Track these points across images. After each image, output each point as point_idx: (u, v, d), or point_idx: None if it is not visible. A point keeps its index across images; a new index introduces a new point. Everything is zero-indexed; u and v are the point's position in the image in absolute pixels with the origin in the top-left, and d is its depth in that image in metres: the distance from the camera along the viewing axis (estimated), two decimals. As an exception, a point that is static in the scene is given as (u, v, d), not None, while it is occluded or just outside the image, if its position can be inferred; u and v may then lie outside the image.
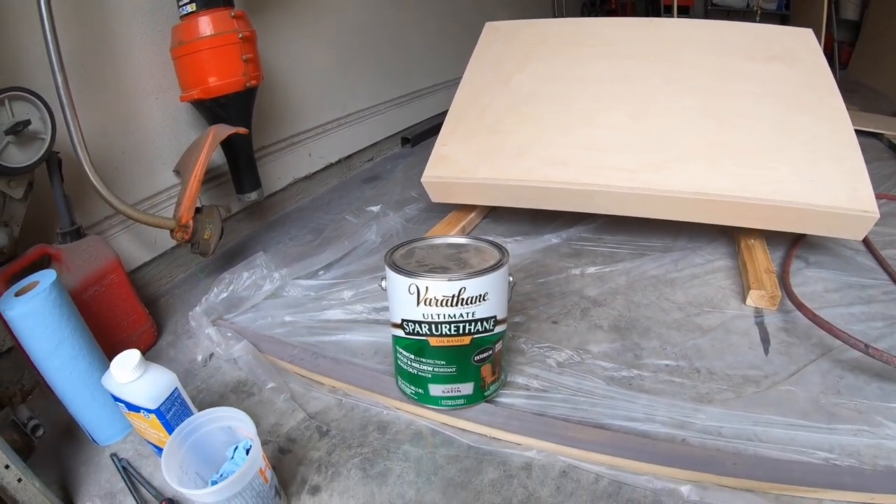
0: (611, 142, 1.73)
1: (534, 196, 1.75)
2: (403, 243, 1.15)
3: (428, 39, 3.46)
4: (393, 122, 3.12)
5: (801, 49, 1.90)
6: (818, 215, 1.55)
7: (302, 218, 2.26)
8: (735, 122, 1.72)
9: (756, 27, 2.00)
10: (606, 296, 1.56)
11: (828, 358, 1.30)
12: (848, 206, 1.51)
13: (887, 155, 2.72)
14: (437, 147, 1.88)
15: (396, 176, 2.65)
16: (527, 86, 1.95)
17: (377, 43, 2.93)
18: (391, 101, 3.08)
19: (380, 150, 3.04)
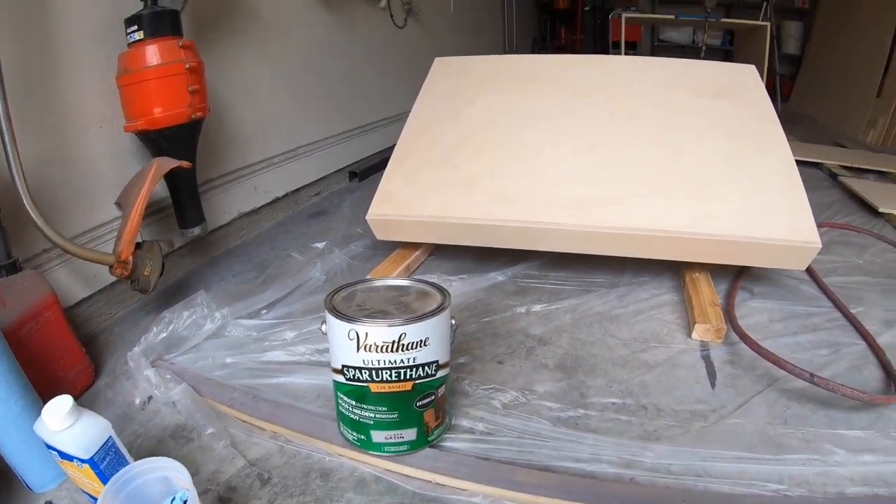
0: (558, 178, 1.75)
1: (480, 234, 1.75)
2: (344, 286, 1.14)
3: (378, 73, 3.48)
4: (341, 155, 3.12)
5: (745, 84, 1.95)
6: (761, 248, 1.58)
7: (247, 253, 2.23)
8: (680, 158, 1.75)
9: (701, 64, 2.04)
10: (552, 334, 1.56)
11: (774, 388, 1.32)
12: (790, 237, 1.55)
13: (828, 183, 2.80)
14: (383, 183, 1.88)
15: (343, 211, 2.64)
16: (476, 121, 1.96)
17: (327, 76, 2.93)
18: (340, 134, 3.08)
19: (327, 185, 3.03)
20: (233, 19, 2.23)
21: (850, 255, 1.99)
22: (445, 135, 1.95)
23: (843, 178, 2.86)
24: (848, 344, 1.49)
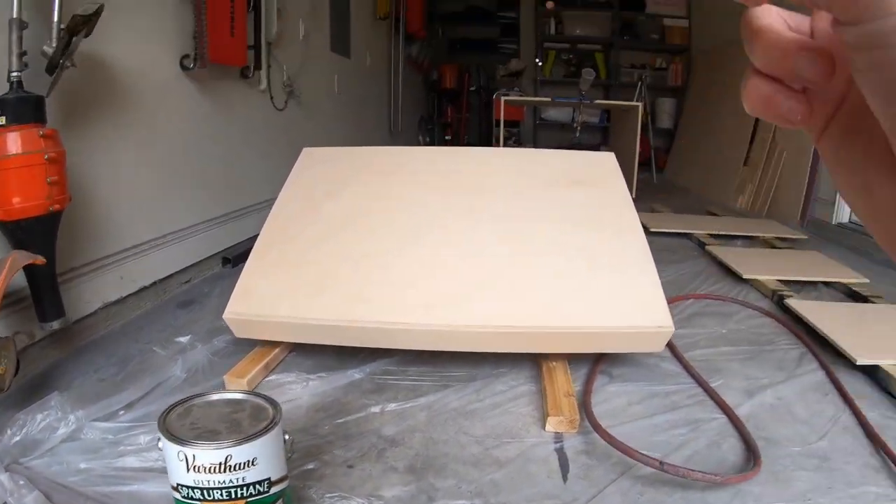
0: (413, 276, 1.80)
1: (334, 335, 1.79)
2: (182, 400, 1.16)
3: (256, 156, 3.51)
4: (215, 240, 3.10)
5: (602, 172, 2.05)
6: (616, 336, 1.66)
7: (111, 346, 2.19)
8: (535, 250, 1.82)
9: (561, 154, 2.15)
10: (405, 434, 1.58)
11: (628, 476, 1.36)
12: (643, 324, 1.63)
13: (696, 253, 2.93)
14: (241, 280, 1.90)
15: (212, 301, 2.62)
16: (335, 216, 2.01)
17: (202, 159, 2.94)
18: (214, 218, 3.07)
19: (199, 271, 3.00)
20: (103, 103, 2.24)
21: (713, 326, 2.10)
22: (306, 230, 1.99)
23: (711, 246, 3.04)
24: (707, 419, 1.57)
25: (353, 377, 1.86)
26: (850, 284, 2.94)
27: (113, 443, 1.56)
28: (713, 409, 1.64)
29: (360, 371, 1.89)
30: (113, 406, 1.70)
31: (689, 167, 6.66)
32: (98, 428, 1.60)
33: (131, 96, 2.40)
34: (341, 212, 2.03)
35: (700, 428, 1.55)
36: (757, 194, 5.18)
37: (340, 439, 1.57)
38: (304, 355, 2.04)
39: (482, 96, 9.15)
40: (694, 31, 8.03)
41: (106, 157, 2.28)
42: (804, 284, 2.91)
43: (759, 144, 5.34)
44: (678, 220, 3.74)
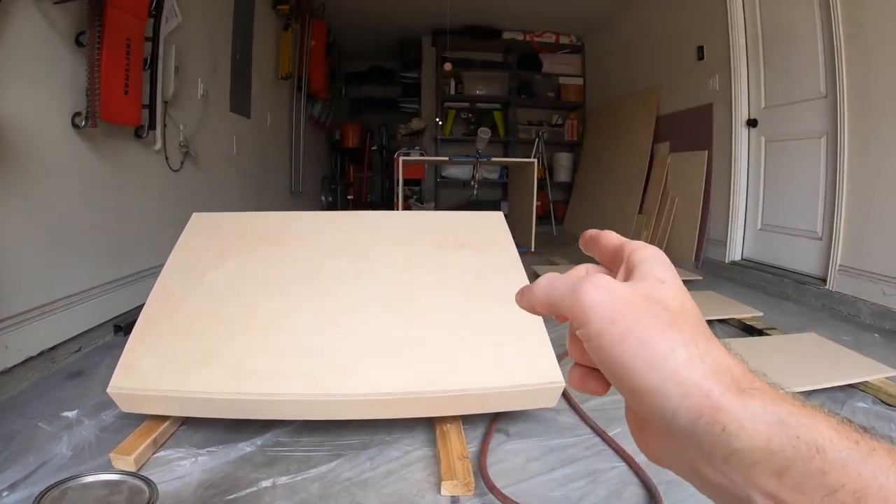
0: (297, 346, 1.81)
1: (220, 408, 1.77)
2: (56, 484, 1.14)
3: (151, 218, 3.48)
4: (106, 307, 3.03)
5: (491, 231, 2.10)
6: (507, 395, 1.68)
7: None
8: (422, 315, 1.84)
9: (448, 215, 2.18)
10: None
11: None
12: (534, 381, 1.66)
13: None
14: (125, 353, 1.86)
15: (101, 371, 2.53)
16: (221, 285, 2.00)
17: (92, 222, 2.88)
18: (105, 284, 3.01)
19: (90, 339, 2.91)
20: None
21: None
22: (189, 300, 1.97)
23: None
24: (607, 469, 1.60)
25: (244, 450, 1.82)
26: (744, 320, 3.13)
27: (-7, 528, 1.49)
28: (612, 458, 1.67)
29: (251, 444, 1.85)
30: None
31: (587, 218, 6.90)
32: (-23, 513, 1.53)
33: (18, 153, 2.35)
34: (227, 280, 2.02)
35: (599, 478, 1.58)
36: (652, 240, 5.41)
37: (231, 517, 1.53)
38: (194, 429, 1.99)
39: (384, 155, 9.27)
40: (588, 88, 8.39)
41: (-10, 219, 2.20)
42: (700, 323, 3.02)
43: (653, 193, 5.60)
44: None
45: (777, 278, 4.12)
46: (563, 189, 8.12)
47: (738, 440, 0.31)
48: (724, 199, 4.83)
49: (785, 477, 0.30)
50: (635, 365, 0.34)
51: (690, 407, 0.33)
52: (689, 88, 5.40)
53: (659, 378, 0.34)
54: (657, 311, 0.36)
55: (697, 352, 0.34)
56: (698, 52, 5.21)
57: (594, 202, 6.95)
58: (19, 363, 2.41)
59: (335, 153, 9.26)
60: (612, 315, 0.35)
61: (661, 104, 5.84)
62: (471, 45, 8.43)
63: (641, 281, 0.38)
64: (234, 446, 1.84)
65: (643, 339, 0.34)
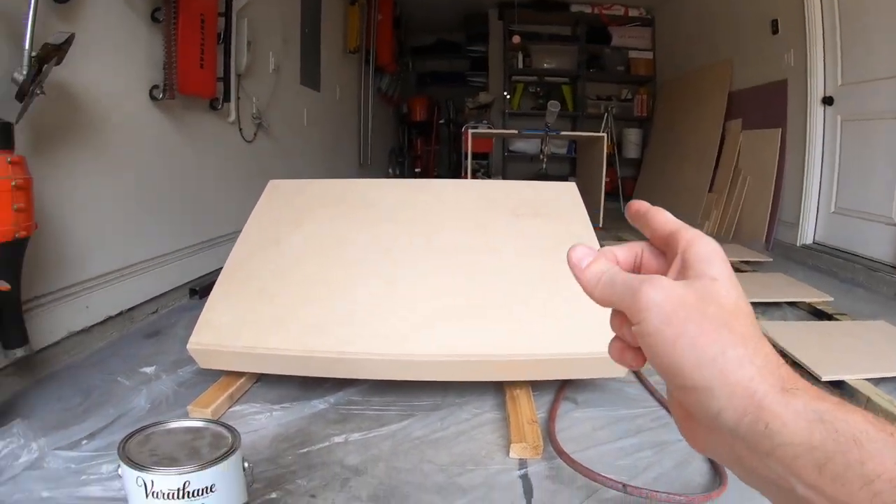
0: (372, 307, 1.82)
1: (297, 365, 1.80)
2: (141, 428, 1.16)
3: (225, 187, 3.54)
4: (183, 271, 3.11)
5: (565, 202, 2.07)
6: (577, 362, 1.67)
7: (75, 376, 2.18)
8: (497, 280, 1.83)
9: (523, 184, 2.17)
10: (368, 463, 1.57)
11: (592, 500, 1.36)
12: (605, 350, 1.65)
13: None
14: (205, 311, 1.91)
15: (178, 332, 2.61)
16: (297, 249, 2.02)
17: (171, 189, 2.96)
18: (182, 249, 3.09)
19: (166, 302, 3.00)
20: (72, 131, 2.25)
21: None
22: (269, 262, 2.00)
23: None
24: (673, 441, 1.58)
25: (317, 407, 1.86)
26: (814, 304, 3.03)
27: (76, 472, 1.54)
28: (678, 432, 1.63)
29: (324, 401, 1.88)
30: (76, 435, 1.69)
31: (655, 195, 6.70)
32: (61, 457, 1.59)
33: (101, 125, 2.42)
34: (304, 244, 2.05)
35: (666, 450, 1.56)
36: (722, 219, 5.28)
37: (304, 469, 1.56)
38: (269, 386, 2.04)
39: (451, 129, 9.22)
40: (658, 62, 8.19)
41: (74, 185, 2.29)
42: (769, 306, 2.98)
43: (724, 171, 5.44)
44: None
45: (849, 264, 3.94)
46: (632, 165, 7.96)
47: (781, 436, 0.33)
48: (797, 179, 4.62)
49: (825, 469, 0.31)
50: (685, 365, 0.36)
51: (736, 407, 0.34)
52: (763, 63, 5.15)
53: (707, 378, 0.35)
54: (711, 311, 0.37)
55: (747, 353, 0.35)
56: (772, 25, 4.95)
57: (663, 179, 6.80)
58: (99, 322, 2.49)
59: (403, 126, 9.27)
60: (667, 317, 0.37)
61: (734, 79, 5.63)
62: (538, 19, 8.31)
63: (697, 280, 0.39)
64: (307, 403, 1.87)
65: (695, 341, 0.36)
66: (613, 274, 0.42)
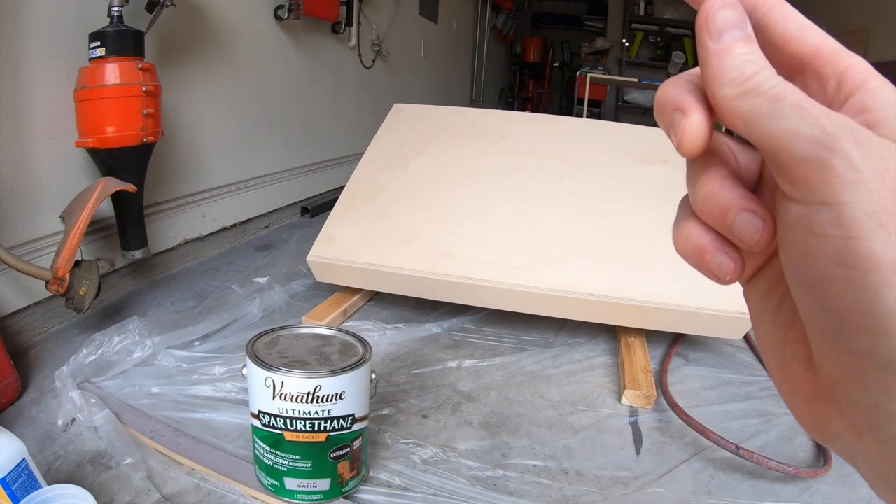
0: (497, 236, 1.77)
1: (417, 286, 1.77)
2: (269, 330, 1.14)
3: (341, 111, 3.52)
4: (296, 189, 3.13)
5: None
6: (696, 317, 1.61)
7: (188, 281, 2.22)
8: (621, 223, 1.77)
9: (653, 130, 2.08)
10: (481, 391, 1.56)
11: (700, 457, 1.32)
12: (726, 308, 1.58)
13: None
14: (327, 226, 1.89)
15: (290, 247, 2.63)
16: (423, 172, 1.98)
17: (289, 109, 2.95)
18: (296, 168, 3.09)
19: (278, 218, 3.03)
20: (199, 44, 2.25)
21: None
22: (392, 184, 1.97)
23: None
24: (780, 414, 1.51)
25: (431, 331, 1.85)
26: None
27: (186, 371, 1.56)
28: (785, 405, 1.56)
29: (438, 326, 1.88)
30: (188, 336, 1.71)
31: None
32: (173, 356, 1.61)
33: (225, 41, 2.42)
34: (428, 168, 2.01)
35: (772, 421, 1.49)
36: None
37: (416, 389, 1.55)
38: (382, 305, 2.04)
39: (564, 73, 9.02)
40: (784, 24, 7.73)
41: (197, 98, 2.30)
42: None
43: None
44: None
45: None
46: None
47: None
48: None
49: None
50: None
51: None
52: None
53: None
54: None
55: None
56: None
57: None
58: (213, 232, 2.53)
59: (515, 67, 9.13)
60: (885, 203, 0.20)
61: (868, 51, 5.21)
62: (664, -35, 8.01)
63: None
64: (420, 326, 1.86)
65: None
66: (780, 88, 0.23)
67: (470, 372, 1.65)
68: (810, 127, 0.21)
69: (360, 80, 3.77)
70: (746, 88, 0.23)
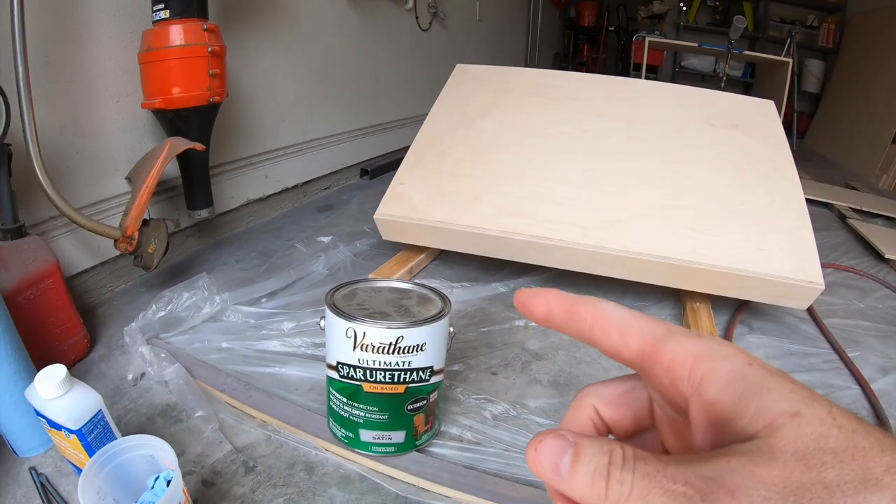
0: (567, 196, 1.74)
1: (486, 244, 1.75)
2: (346, 283, 1.13)
3: (398, 74, 3.49)
4: (354, 152, 3.12)
5: (762, 119, 1.93)
6: (764, 284, 1.57)
7: (251, 241, 2.23)
8: (690, 186, 1.74)
9: (720, 95, 2.03)
10: (548, 350, 1.54)
11: None
12: (794, 276, 1.54)
13: (836, 224, 2.77)
14: (394, 184, 1.88)
15: (351, 207, 2.64)
16: (489, 132, 1.95)
17: (347, 72, 2.94)
18: (355, 130, 3.08)
19: (338, 179, 3.03)
20: (259, 7, 2.24)
21: (852, 299, 1.97)
22: (458, 143, 1.95)
23: (852, 220, 2.84)
24: (842, 387, 1.48)
25: (497, 290, 1.84)
26: None
27: (255, 327, 1.57)
28: (848, 379, 1.54)
29: (504, 285, 1.85)
30: (255, 293, 1.72)
31: (831, 136, 6.17)
32: (241, 311, 1.63)
33: (285, 4, 2.41)
34: (495, 128, 1.98)
35: (834, 394, 1.45)
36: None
37: (485, 347, 1.54)
38: (447, 265, 2.03)
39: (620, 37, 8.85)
40: (851, -12, 7.45)
41: (258, 60, 2.30)
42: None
43: (912, 123, 4.92)
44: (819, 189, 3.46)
45: None
46: (809, 100, 7.26)
47: None
48: None
49: None
50: None
51: None
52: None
53: None
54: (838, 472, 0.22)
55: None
56: None
57: (843, 121, 6.19)
58: (276, 193, 2.54)
59: (570, 31, 8.97)
60: None
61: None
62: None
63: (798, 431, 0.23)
64: (487, 285, 1.85)
65: None
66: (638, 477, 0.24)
67: (537, 331, 1.63)
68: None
69: (416, 44, 3.73)
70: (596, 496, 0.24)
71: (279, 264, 1.98)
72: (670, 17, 7.98)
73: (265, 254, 2.09)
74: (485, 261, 1.94)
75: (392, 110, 3.47)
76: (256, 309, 1.64)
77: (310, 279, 1.86)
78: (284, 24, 2.41)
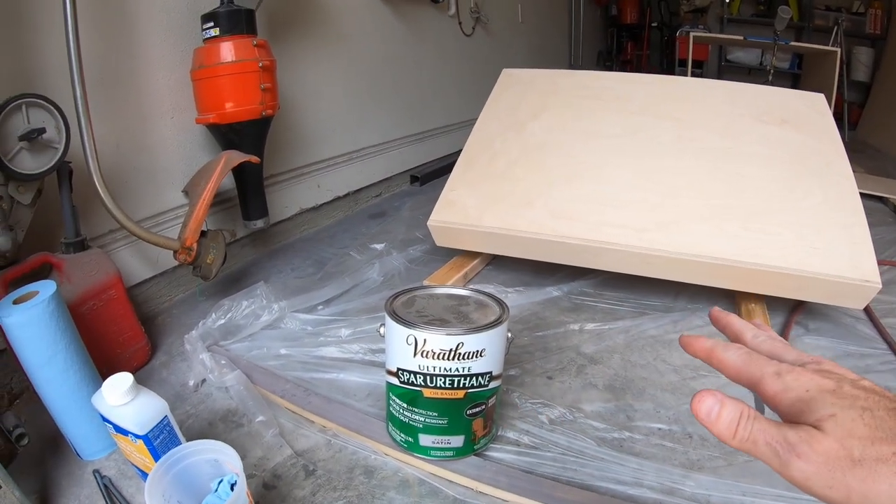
0: (618, 198, 1.73)
1: (540, 249, 1.75)
2: (405, 290, 1.14)
3: (444, 80, 3.51)
4: (404, 159, 3.15)
5: (812, 113, 1.90)
6: (820, 283, 1.54)
7: (306, 249, 2.26)
8: (742, 185, 1.71)
9: (768, 90, 2.00)
10: (603, 353, 1.53)
11: None
12: (850, 275, 1.51)
13: (892, 219, 2.70)
14: (446, 191, 1.89)
15: (403, 214, 2.66)
16: (539, 135, 1.95)
17: (393, 80, 2.97)
18: (403, 138, 3.11)
19: (388, 187, 3.05)
20: (305, 21, 2.28)
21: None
22: (508, 148, 1.95)
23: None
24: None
25: (551, 294, 1.83)
26: None
27: (313, 333, 1.59)
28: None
29: (558, 289, 1.85)
30: (312, 301, 1.75)
31: (884, 127, 5.98)
32: (298, 319, 1.65)
33: (329, 16, 2.44)
34: (544, 131, 1.98)
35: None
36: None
37: (540, 351, 1.54)
38: (501, 270, 2.03)
39: (663, 33, 8.76)
40: (901, -27, 7.26)
41: (307, 72, 2.34)
42: None
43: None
44: (873, 182, 3.35)
45: None
46: (860, 89, 7.05)
47: None
48: None
49: None
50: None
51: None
52: None
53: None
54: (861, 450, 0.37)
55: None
56: None
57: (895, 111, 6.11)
58: (328, 201, 2.58)
59: (612, 28, 8.90)
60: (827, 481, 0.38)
61: None
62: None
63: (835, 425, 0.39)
64: (541, 289, 1.84)
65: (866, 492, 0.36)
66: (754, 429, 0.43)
67: (592, 335, 1.62)
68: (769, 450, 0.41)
69: (460, 49, 3.74)
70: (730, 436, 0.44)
71: (334, 272, 2.00)
72: (713, 11, 7.85)
73: (320, 262, 2.12)
74: (538, 265, 1.92)
75: (440, 116, 3.49)
76: (313, 316, 1.67)
77: (365, 286, 1.88)
78: (329, 36, 2.44)
